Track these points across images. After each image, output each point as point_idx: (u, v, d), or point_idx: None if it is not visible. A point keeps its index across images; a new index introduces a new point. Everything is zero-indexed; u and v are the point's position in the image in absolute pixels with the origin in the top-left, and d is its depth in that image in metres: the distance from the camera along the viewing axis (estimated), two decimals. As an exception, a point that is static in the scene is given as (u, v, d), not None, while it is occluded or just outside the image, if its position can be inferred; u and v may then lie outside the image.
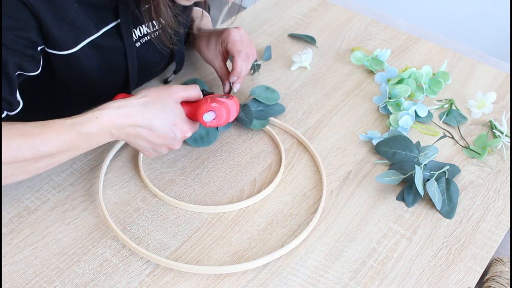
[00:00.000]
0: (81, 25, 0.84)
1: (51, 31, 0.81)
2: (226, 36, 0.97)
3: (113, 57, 0.91)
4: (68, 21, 0.82)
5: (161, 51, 0.96)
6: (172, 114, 0.79)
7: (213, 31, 1.01)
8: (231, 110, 0.86)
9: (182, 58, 1.04)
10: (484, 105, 1.02)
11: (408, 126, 0.98)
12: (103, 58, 0.90)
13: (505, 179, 0.92)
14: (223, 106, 0.84)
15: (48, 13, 0.79)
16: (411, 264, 0.80)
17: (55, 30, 0.81)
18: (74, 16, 0.83)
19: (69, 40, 0.84)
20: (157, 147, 0.81)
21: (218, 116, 0.84)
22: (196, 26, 1.07)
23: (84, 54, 0.87)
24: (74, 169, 0.90)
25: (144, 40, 0.95)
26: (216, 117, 0.84)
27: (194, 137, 0.94)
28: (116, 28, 0.90)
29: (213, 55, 1.00)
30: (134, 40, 0.93)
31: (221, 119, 0.84)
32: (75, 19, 0.83)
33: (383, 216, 0.85)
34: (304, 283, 0.77)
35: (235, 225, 0.84)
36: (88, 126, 0.74)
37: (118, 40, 0.90)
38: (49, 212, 0.84)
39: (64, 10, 0.81)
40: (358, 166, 0.93)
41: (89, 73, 0.90)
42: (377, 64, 1.11)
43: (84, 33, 0.86)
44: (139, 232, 0.82)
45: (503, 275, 0.78)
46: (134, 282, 0.76)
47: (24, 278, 0.75)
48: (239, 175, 0.91)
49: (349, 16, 1.26)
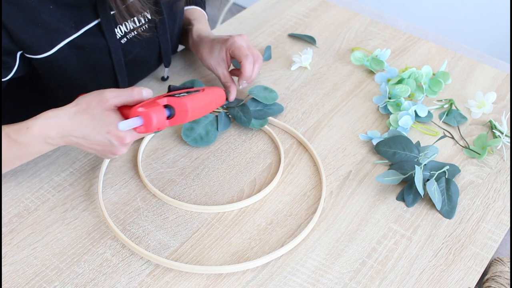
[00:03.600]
0: (56, 28, 0.84)
1: (22, 36, 0.81)
2: (231, 43, 0.97)
3: (97, 56, 0.91)
4: (40, 25, 0.82)
5: (149, 46, 0.95)
6: (102, 122, 0.75)
7: (216, 38, 1.01)
8: (180, 111, 0.76)
9: (168, 50, 1.03)
10: (484, 105, 1.02)
11: (408, 126, 0.98)
12: (86, 58, 0.90)
13: (505, 179, 0.92)
14: (155, 111, 0.73)
15: (17, 20, 0.79)
16: (411, 264, 0.80)
17: (27, 35, 0.81)
18: (46, 19, 0.82)
19: (43, 44, 0.84)
20: (102, 153, 0.79)
21: (145, 122, 0.73)
22: (196, 31, 1.06)
23: (63, 56, 0.87)
24: (74, 169, 0.90)
25: (131, 35, 0.94)
26: (144, 123, 0.73)
27: (193, 137, 0.94)
28: (99, 27, 0.89)
29: (216, 62, 1.00)
30: (119, 36, 0.92)
31: (151, 125, 0.73)
32: (48, 22, 0.82)
33: (383, 216, 0.85)
34: (304, 283, 0.77)
35: (235, 225, 0.84)
36: (20, 136, 0.75)
37: (101, 38, 0.89)
38: (49, 212, 0.84)
39: (34, 14, 0.81)
40: (358, 166, 0.93)
41: (73, 74, 0.90)
42: (377, 64, 1.11)
43: (60, 35, 0.85)
44: (139, 232, 0.82)
45: (503, 275, 0.78)
46: (134, 282, 0.76)
47: (24, 278, 0.75)
48: (239, 175, 0.91)
49: (349, 16, 1.27)
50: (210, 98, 0.84)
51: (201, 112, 0.81)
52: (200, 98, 0.81)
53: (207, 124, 0.96)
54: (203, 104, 0.82)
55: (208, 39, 1.02)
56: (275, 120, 0.99)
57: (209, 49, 1.00)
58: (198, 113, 0.81)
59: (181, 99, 0.77)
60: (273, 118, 0.99)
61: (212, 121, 0.97)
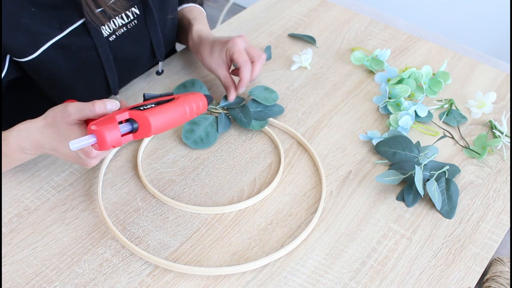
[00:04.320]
0: (39, 30, 0.84)
1: (6, 40, 0.81)
2: (231, 46, 0.96)
3: (85, 55, 0.90)
4: (22, 28, 0.82)
5: (140, 41, 0.95)
6: (67, 137, 0.74)
7: (216, 39, 1.01)
8: (143, 125, 0.73)
9: (160, 43, 1.01)
10: (484, 105, 1.02)
11: (408, 126, 0.98)
12: (73, 58, 0.89)
13: (505, 179, 0.92)
14: (108, 128, 0.69)
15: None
16: (411, 264, 0.80)
17: (10, 39, 0.82)
18: (28, 22, 0.82)
19: (27, 47, 0.84)
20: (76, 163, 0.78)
21: (99, 140, 0.70)
22: (196, 32, 1.05)
23: (48, 58, 0.87)
24: (74, 169, 0.90)
25: (121, 31, 0.93)
26: (98, 142, 0.70)
27: (193, 139, 0.94)
28: (84, 26, 0.88)
29: (217, 63, 0.99)
30: (107, 34, 0.91)
31: (105, 143, 0.70)
32: (30, 25, 0.82)
33: (383, 216, 0.85)
34: (304, 283, 0.77)
35: (235, 225, 0.84)
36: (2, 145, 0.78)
37: (87, 37, 0.89)
38: (49, 212, 0.84)
39: (15, 18, 0.81)
40: (358, 166, 0.93)
41: (62, 74, 0.90)
42: (377, 64, 1.11)
43: (43, 37, 0.85)
44: (139, 232, 0.82)
45: (503, 275, 0.78)
46: (134, 282, 0.76)
47: (24, 278, 0.75)
48: (239, 175, 0.91)
49: (349, 16, 1.26)
50: (182, 108, 0.78)
51: (171, 123, 0.76)
52: (169, 109, 0.76)
53: (207, 125, 0.96)
54: (172, 115, 0.76)
55: (208, 41, 1.02)
56: (275, 121, 0.99)
57: (209, 51, 1.00)
58: (166, 125, 0.75)
59: (143, 112, 0.73)
60: (273, 119, 0.99)
61: (212, 122, 0.97)
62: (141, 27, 0.96)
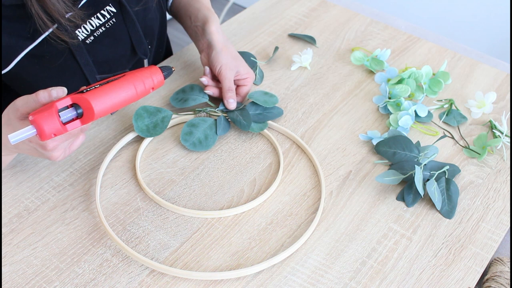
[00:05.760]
0: (8, 43, 0.83)
1: None
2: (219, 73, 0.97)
3: (61, 61, 0.89)
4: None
5: (121, 39, 0.93)
6: None
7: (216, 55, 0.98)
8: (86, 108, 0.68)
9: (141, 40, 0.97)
10: (484, 105, 1.02)
11: (408, 126, 0.98)
12: (49, 65, 0.88)
13: (505, 179, 0.92)
14: (43, 117, 0.65)
15: None
16: (411, 264, 0.80)
17: None
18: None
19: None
20: (43, 158, 0.77)
21: (38, 131, 0.66)
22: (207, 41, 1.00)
23: (23, 69, 0.86)
24: (74, 169, 0.90)
25: (99, 32, 0.91)
26: (38, 132, 0.66)
27: (192, 141, 0.94)
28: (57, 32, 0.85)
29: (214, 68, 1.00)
30: (84, 37, 0.89)
31: (44, 133, 0.65)
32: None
33: (383, 216, 0.85)
34: (304, 283, 0.77)
35: (235, 225, 0.84)
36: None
37: (61, 43, 0.87)
38: (49, 212, 0.84)
39: None
40: (358, 166, 0.93)
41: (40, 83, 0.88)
42: (377, 64, 1.11)
43: (14, 50, 0.84)
44: (139, 232, 0.82)
45: (503, 275, 0.78)
46: (134, 282, 0.76)
47: (24, 278, 0.75)
48: (239, 175, 0.91)
49: (349, 16, 1.27)
50: (129, 86, 0.73)
51: (117, 103, 0.71)
52: (113, 87, 0.71)
53: (206, 128, 0.96)
54: (118, 94, 0.71)
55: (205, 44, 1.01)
56: (274, 123, 0.98)
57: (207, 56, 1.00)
58: (112, 106, 0.71)
59: (83, 95, 0.68)
60: (272, 122, 0.99)
61: (211, 125, 0.96)
62: (119, 25, 0.94)
